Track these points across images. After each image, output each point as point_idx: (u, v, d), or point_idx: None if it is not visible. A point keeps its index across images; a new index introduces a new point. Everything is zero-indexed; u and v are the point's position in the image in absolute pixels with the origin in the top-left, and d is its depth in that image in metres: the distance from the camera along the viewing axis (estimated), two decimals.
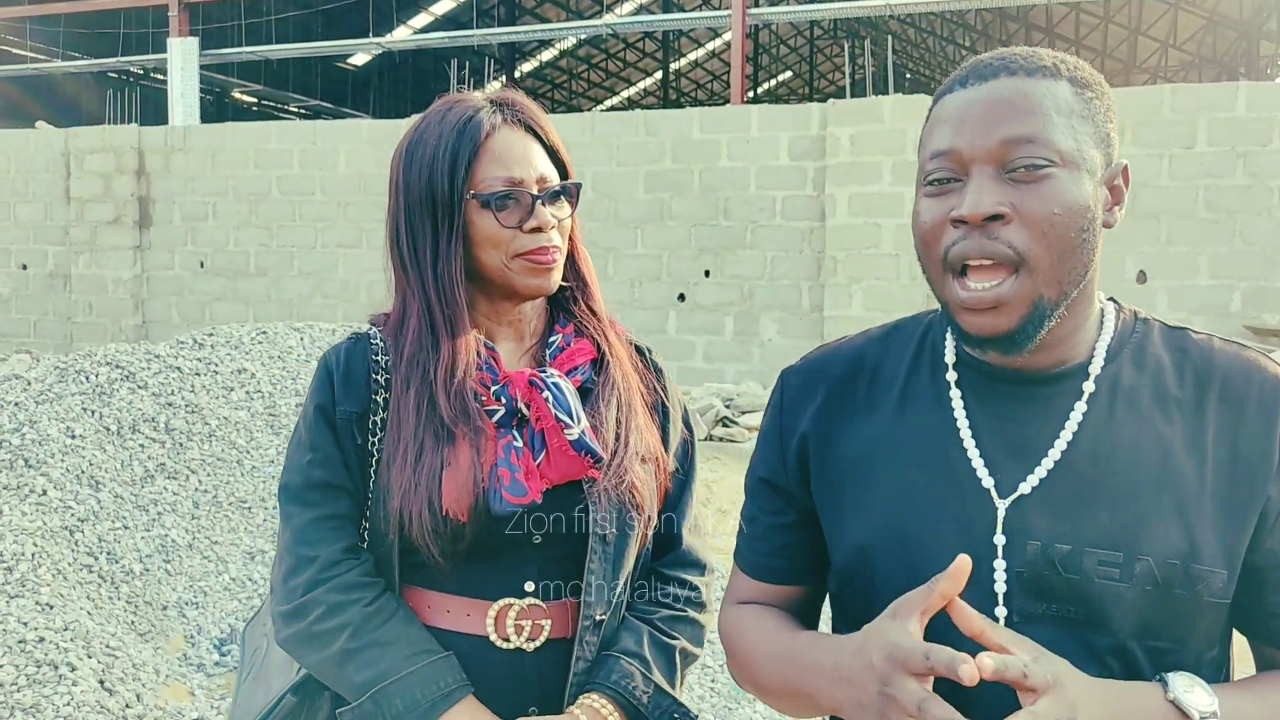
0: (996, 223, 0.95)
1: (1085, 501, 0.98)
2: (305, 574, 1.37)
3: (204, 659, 4.02)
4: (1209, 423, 1.00)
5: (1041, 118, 0.96)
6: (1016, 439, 1.02)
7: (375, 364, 1.42)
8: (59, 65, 19.38)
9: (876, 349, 1.14)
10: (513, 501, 1.32)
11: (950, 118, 1.00)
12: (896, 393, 1.09)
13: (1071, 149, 0.96)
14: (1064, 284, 0.97)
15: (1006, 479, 1.00)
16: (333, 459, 1.39)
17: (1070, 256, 0.97)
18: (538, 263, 1.39)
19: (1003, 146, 0.96)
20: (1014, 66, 0.99)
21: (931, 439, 1.05)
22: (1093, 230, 0.98)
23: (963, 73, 1.03)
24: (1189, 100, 8.65)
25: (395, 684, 1.31)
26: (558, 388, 1.38)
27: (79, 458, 4.46)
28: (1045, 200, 0.95)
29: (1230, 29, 26.20)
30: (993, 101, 0.97)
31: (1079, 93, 0.99)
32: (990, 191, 0.95)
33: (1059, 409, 1.02)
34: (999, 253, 0.95)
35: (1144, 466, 0.98)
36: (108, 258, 12.12)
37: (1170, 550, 0.96)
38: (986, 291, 0.96)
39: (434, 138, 1.41)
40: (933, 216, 1.00)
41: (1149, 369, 1.03)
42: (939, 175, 0.99)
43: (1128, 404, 1.01)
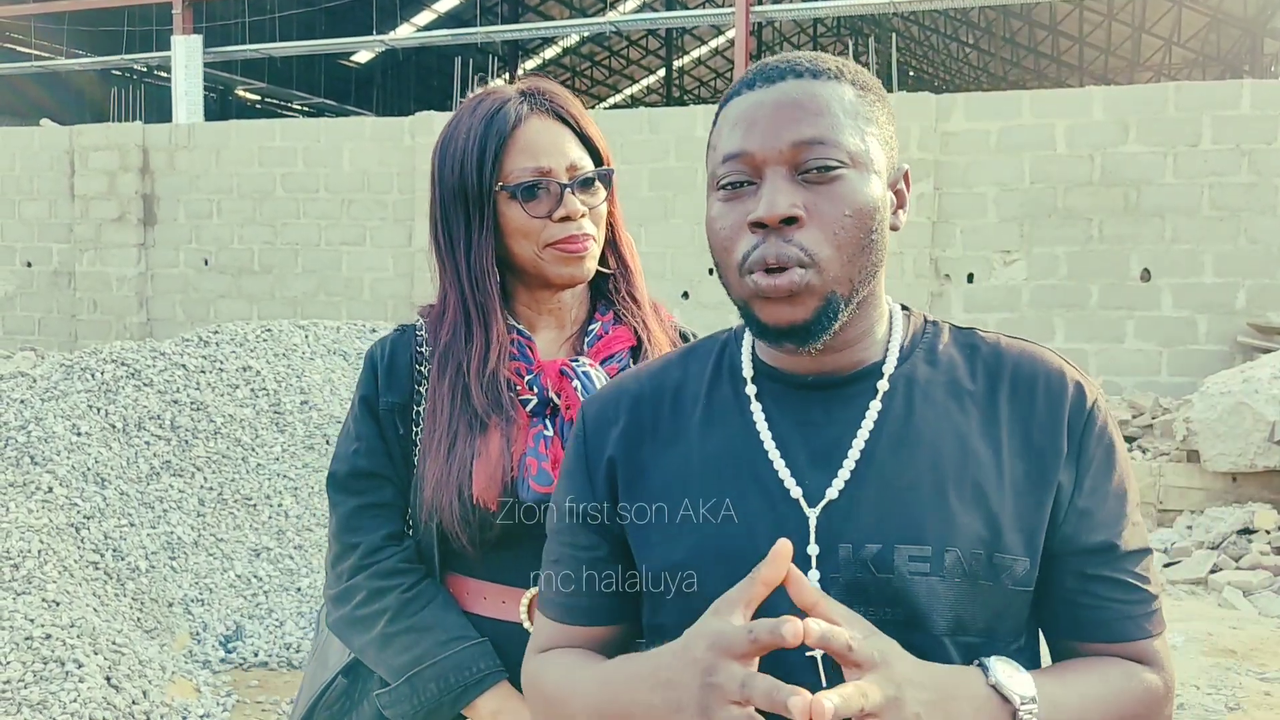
0: (791, 226, 0.96)
1: (891, 498, 0.98)
2: (349, 560, 1.41)
3: (209, 655, 4.03)
4: (1002, 414, 1.02)
5: (830, 119, 0.97)
6: (819, 444, 1.02)
7: (419, 355, 1.45)
8: (63, 63, 19.40)
9: (675, 371, 1.14)
10: (539, 490, 1.34)
11: (740, 120, 1.00)
12: (699, 411, 1.09)
13: (860, 150, 0.98)
14: (855, 282, 0.99)
15: (814, 486, 1.00)
16: (376, 449, 1.43)
17: (860, 256, 0.98)
18: (569, 252, 1.40)
19: (794, 149, 0.96)
20: (799, 69, 1.00)
21: (738, 454, 1.04)
22: (881, 231, 1.00)
23: (748, 76, 1.03)
24: (1193, 98, 8.64)
25: (430, 668, 1.34)
26: (587, 376, 1.40)
27: (84, 455, 4.47)
28: (837, 202, 0.96)
29: (1234, 26, 26.14)
30: (782, 103, 0.98)
31: (861, 95, 1.01)
32: (785, 193, 0.96)
33: (856, 409, 1.03)
34: (793, 256, 0.96)
35: (944, 458, 1.00)
36: (112, 255, 12.14)
37: (974, 539, 0.97)
38: (782, 279, 0.96)
39: (464, 131, 1.42)
40: (730, 221, 1.00)
41: (941, 366, 1.06)
42: (732, 179, 1.00)
43: (923, 399, 1.03)
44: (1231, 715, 3.71)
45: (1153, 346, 8.75)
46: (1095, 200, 8.83)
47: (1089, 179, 8.84)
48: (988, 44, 31.72)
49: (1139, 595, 1.02)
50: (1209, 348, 8.61)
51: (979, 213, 9.16)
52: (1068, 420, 1.02)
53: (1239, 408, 6.00)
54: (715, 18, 15.39)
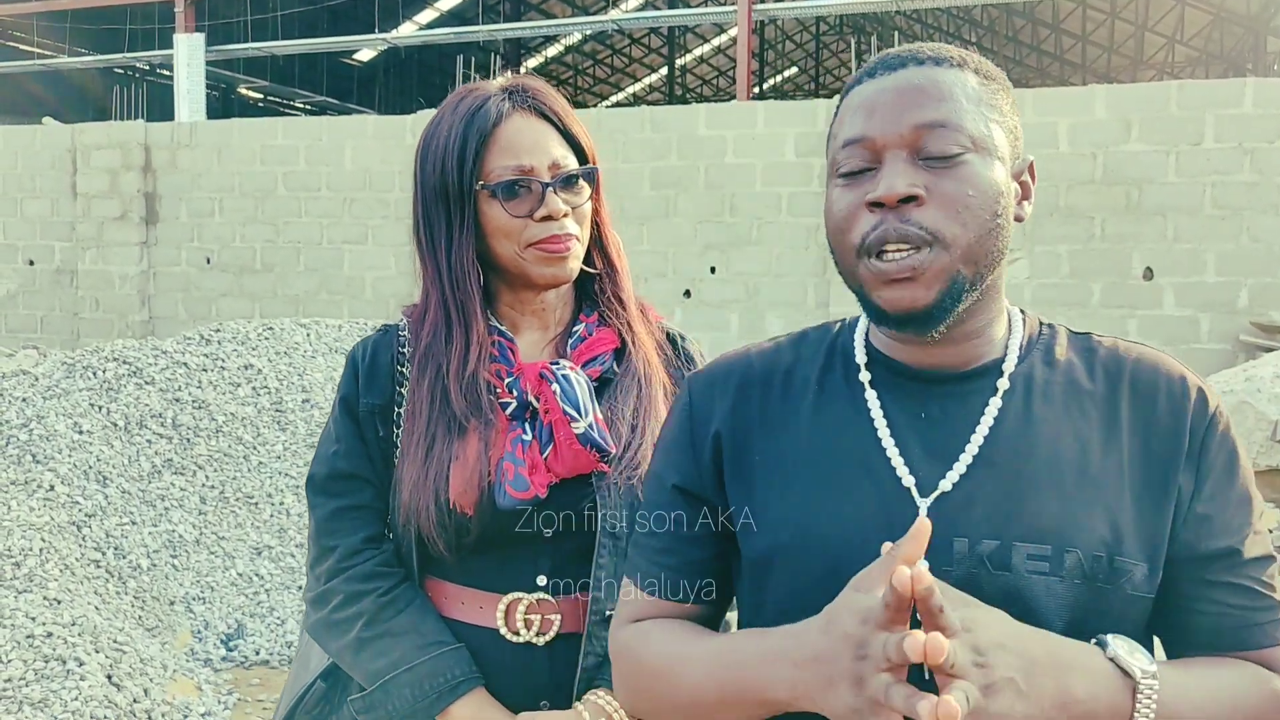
0: (910, 205, 0.94)
1: (1009, 496, 0.97)
2: (326, 563, 1.40)
3: (211, 654, 4.03)
4: (1122, 417, 1.00)
5: (952, 103, 0.96)
6: (934, 437, 1.01)
7: (400, 355, 1.43)
8: (65, 61, 19.42)
9: (788, 353, 1.12)
10: (515, 495, 1.32)
11: (861, 107, 0.99)
12: (810, 395, 1.07)
13: (983, 134, 0.97)
14: (979, 264, 0.97)
15: (927, 478, 0.99)
16: (356, 451, 1.41)
17: (985, 238, 0.97)
18: (551, 252, 1.37)
19: (915, 132, 0.95)
20: (922, 57, 0.99)
21: (849, 440, 1.03)
22: (1005, 217, 0.99)
23: (871, 65, 1.02)
24: (1196, 96, 8.62)
25: (405, 673, 1.32)
26: (567, 380, 1.37)
27: (86, 453, 4.47)
28: (959, 182, 0.95)
29: (1237, 25, 26.10)
30: (903, 89, 0.97)
31: (985, 83, 1.00)
32: (904, 174, 0.94)
33: (975, 405, 1.01)
34: (914, 235, 0.94)
35: (1064, 459, 0.98)
36: (114, 254, 12.14)
37: (1096, 541, 0.95)
38: (905, 259, 0.94)
39: (446, 128, 1.40)
40: (847, 204, 0.98)
41: (1060, 367, 1.04)
42: (851, 166, 0.98)
43: (1042, 399, 1.01)
44: None
45: (1155, 345, 8.74)
46: (1097, 199, 8.82)
47: (1091, 177, 8.83)
48: (990, 42, 31.68)
49: (1264, 602, 0.99)
50: (1211, 347, 8.60)
51: None
52: (1190, 426, 1.00)
53: (1241, 407, 6.00)
54: (717, 16, 15.38)
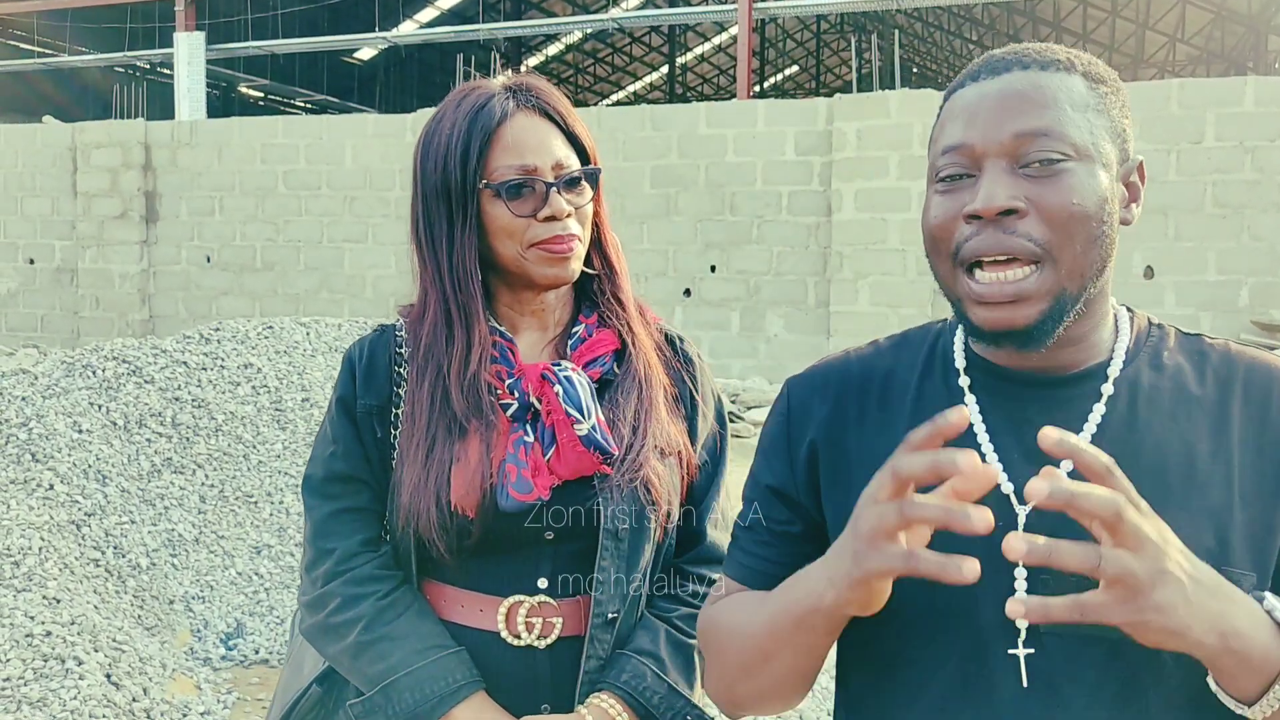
0: (1011, 217, 0.92)
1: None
2: (323, 566, 1.38)
3: (210, 653, 4.03)
4: (1234, 423, 0.98)
5: (1056, 111, 0.94)
6: (1034, 443, 0.95)
7: (397, 356, 1.42)
8: (66, 60, 19.43)
9: (887, 358, 1.11)
10: (518, 498, 1.30)
11: (962, 112, 0.97)
12: (909, 400, 1.06)
13: (1086, 142, 0.94)
14: (1085, 277, 0.95)
15: (1026, 484, 0.94)
16: (353, 452, 1.40)
17: (1091, 249, 0.94)
18: (554, 252, 1.36)
19: (1016, 140, 0.93)
20: (1027, 61, 0.97)
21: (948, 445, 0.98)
22: (1111, 224, 0.96)
23: (974, 68, 1.00)
24: (1197, 95, 8.61)
25: (405, 678, 1.30)
26: (569, 381, 1.36)
27: (86, 452, 4.47)
28: (1062, 193, 0.92)
29: (1238, 23, 26.09)
30: (1005, 95, 0.95)
31: (1093, 87, 0.97)
32: (1004, 185, 0.92)
33: (1077, 411, 0.98)
34: (1017, 247, 0.92)
35: (1170, 467, 0.95)
36: (114, 252, 12.14)
37: (1201, 552, 0.90)
38: (1006, 285, 0.93)
39: (448, 126, 1.38)
40: (944, 212, 0.97)
41: (1168, 371, 1.01)
42: (951, 172, 0.97)
43: (1149, 405, 0.98)
44: None
45: None
46: None
47: None
48: (991, 40, 31.66)
49: None
50: None
51: None
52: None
53: None
54: (718, 14, 15.38)
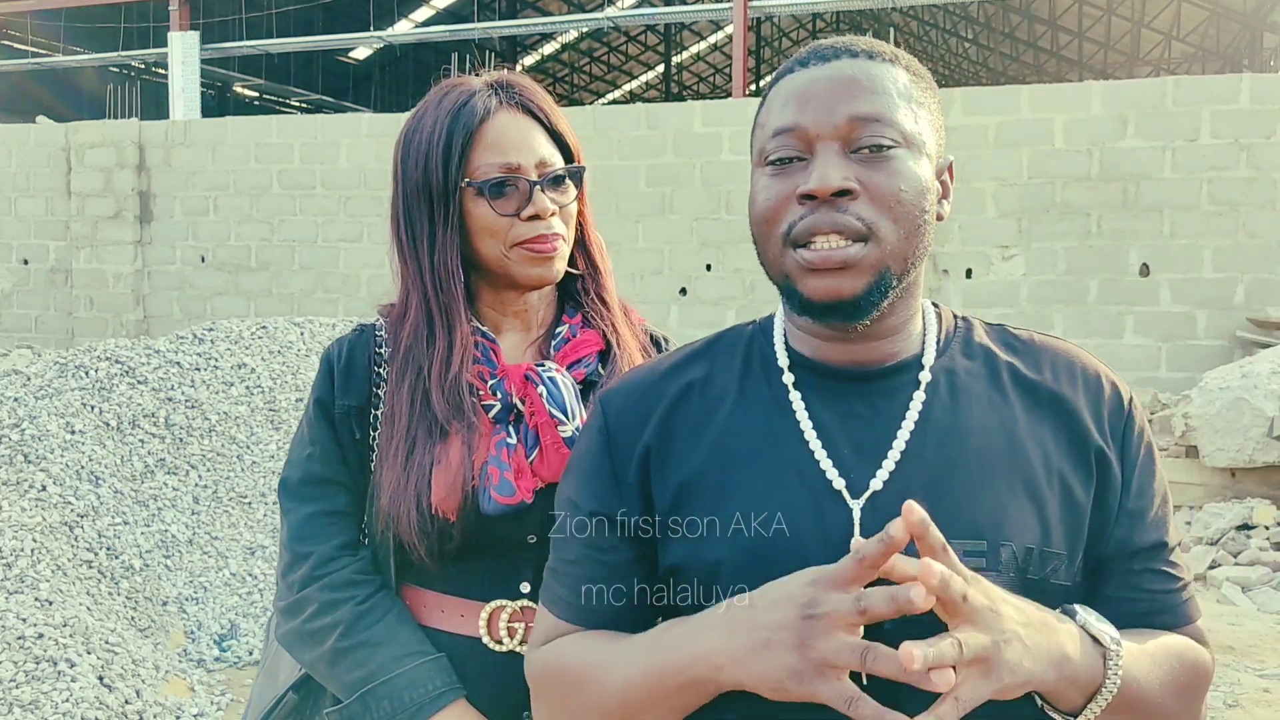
0: (845, 198, 0.94)
1: (942, 492, 0.96)
2: (300, 570, 1.35)
3: (204, 654, 4.01)
4: (1044, 407, 1.02)
5: (886, 98, 0.96)
6: (861, 435, 1.00)
7: (377, 356, 1.39)
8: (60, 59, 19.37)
9: (702, 361, 1.09)
10: (501, 501, 1.28)
11: (793, 96, 0.98)
12: (731, 402, 1.05)
13: (913, 131, 0.97)
14: (907, 260, 0.97)
15: (857, 478, 0.98)
16: (331, 454, 1.37)
17: (915, 234, 0.96)
18: (537, 251, 1.34)
19: (849, 124, 0.95)
20: (855, 50, 0.99)
21: (777, 445, 1.01)
22: (930, 214, 0.98)
23: (802, 54, 1.01)
24: (1192, 92, 8.61)
25: (384, 685, 1.28)
26: (554, 382, 1.34)
27: (79, 453, 4.45)
28: (892, 177, 0.94)
29: (1234, 21, 26.09)
30: (837, 80, 0.96)
31: (915, 81, 1.00)
32: (838, 166, 0.94)
33: (899, 401, 1.00)
34: (849, 225, 0.94)
35: (993, 450, 0.98)
36: (109, 252, 12.11)
37: (1028, 534, 0.96)
38: (834, 251, 0.94)
39: (430, 124, 1.36)
40: (776, 194, 0.97)
41: (979, 360, 1.04)
42: (782, 154, 0.97)
43: (966, 392, 1.02)
44: (1230, 712, 3.69)
45: (1151, 342, 8.74)
46: (1094, 195, 8.81)
47: (1087, 174, 8.82)
48: (986, 39, 31.67)
49: (1180, 583, 1.03)
50: (1208, 343, 8.59)
51: (977, 208, 9.14)
52: (1109, 420, 1.02)
53: (1238, 403, 5.98)
54: (714, 13, 15.35)
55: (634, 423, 1.06)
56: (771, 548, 0.96)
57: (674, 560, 1.02)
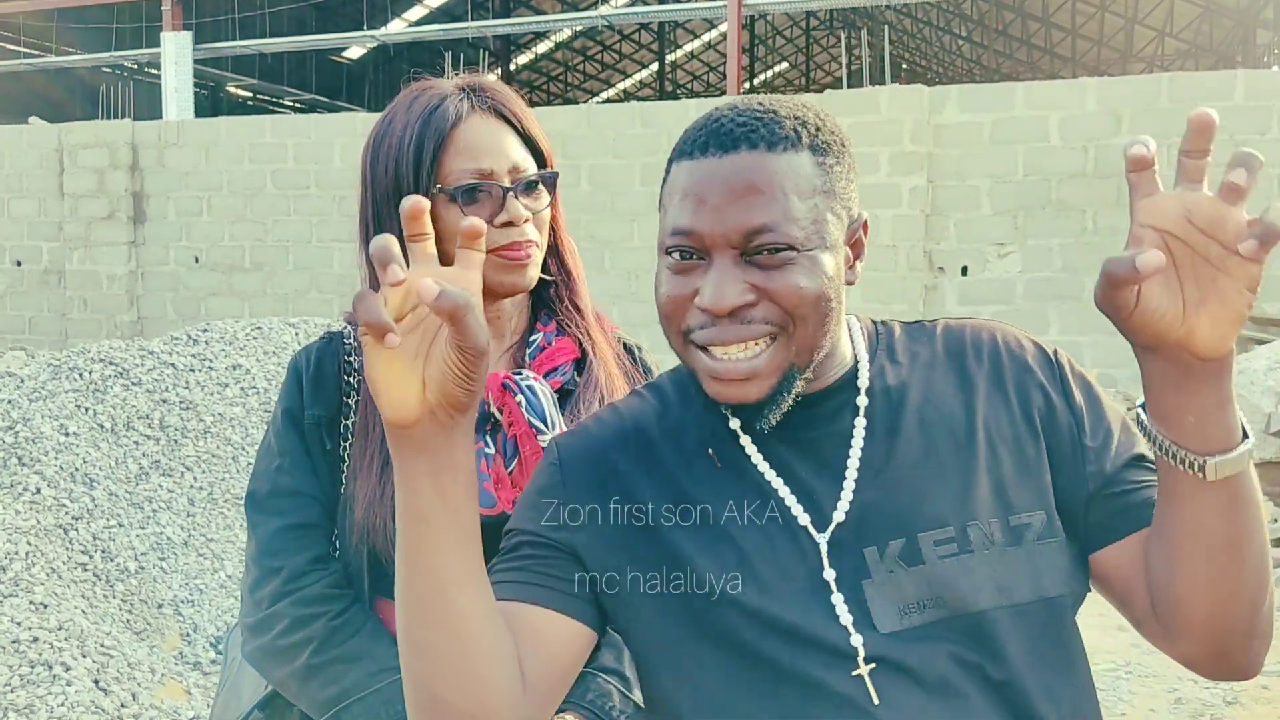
0: (745, 308, 0.96)
1: (901, 493, 0.99)
2: (269, 586, 1.30)
3: (200, 657, 3.99)
4: (976, 383, 1.05)
5: (782, 202, 0.95)
6: (816, 462, 1.02)
7: (347, 364, 1.36)
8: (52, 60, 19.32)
9: (652, 406, 1.11)
10: (480, 513, 1.26)
11: (690, 193, 0.97)
12: (689, 449, 1.05)
13: (810, 232, 0.96)
14: (814, 350, 0.99)
15: (822, 507, 1.00)
16: (301, 465, 1.33)
17: (821, 325, 0.98)
18: (510, 259, 1.31)
19: (744, 236, 0.95)
20: (755, 138, 0.96)
21: (738, 483, 1.02)
22: (838, 295, 1.00)
23: (701, 136, 0.99)
24: (1186, 89, 8.62)
25: (359, 702, 1.25)
26: (532, 391, 1.32)
27: (73, 455, 4.43)
28: (789, 282, 0.95)
29: (1227, 17, 26.14)
30: (733, 184, 0.95)
31: (820, 163, 0.98)
32: (732, 282, 0.95)
33: (844, 421, 1.03)
34: (753, 333, 0.96)
35: (938, 440, 1.02)
36: (102, 253, 12.07)
37: (988, 510, 0.98)
38: (739, 364, 0.96)
39: (400, 128, 1.33)
40: (677, 291, 0.98)
41: (906, 359, 1.08)
42: (681, 249, 0.98)
43: (902, 391, 1.05)
44: (1230, 709, 3.69)
45: None
46: (1089, 192, 8.81)
47: (1083, 171, 8.82)
48: (980, 36, 31.70)
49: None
50: None
51: (972, 205, 9.14)
52: (1041, 374, 1.05)
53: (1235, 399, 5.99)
54: (708, 11, 15.34)
55: (588, 477, 1.06)
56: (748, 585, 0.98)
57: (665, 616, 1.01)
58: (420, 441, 0.83)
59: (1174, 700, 3.73)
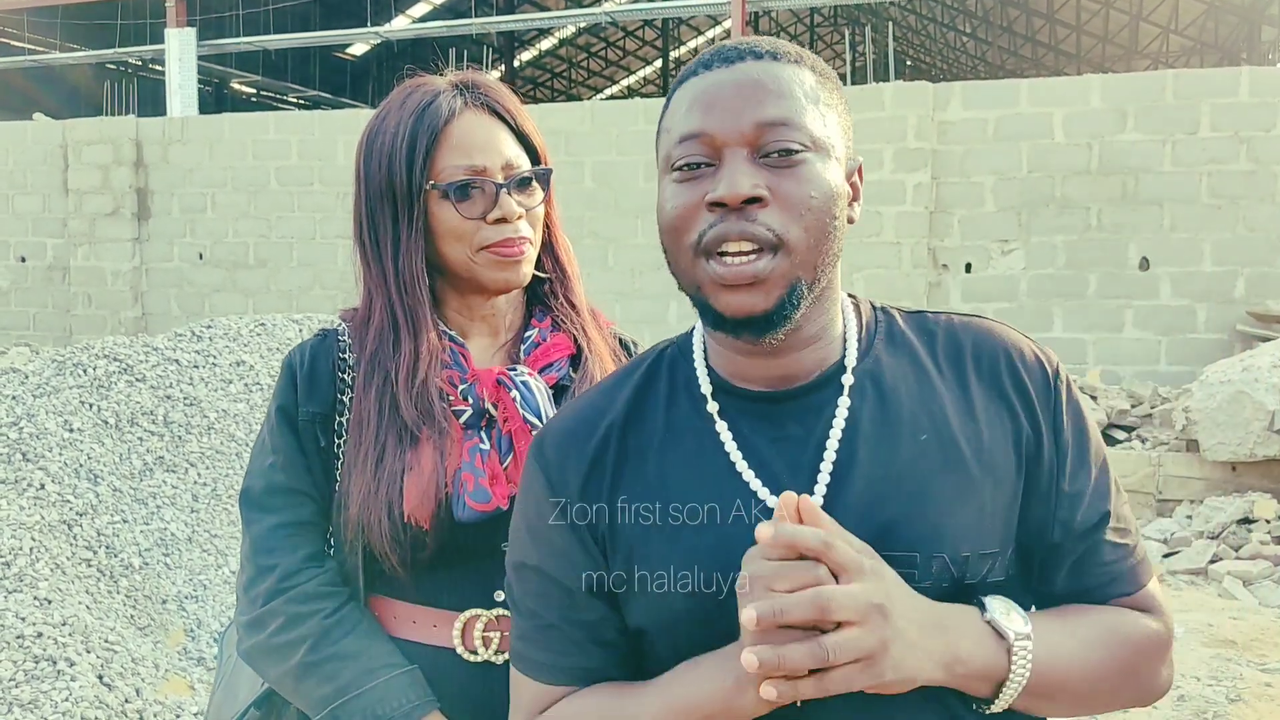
0: (754, 205, 0.92)
1: (875, 504, 0.95)
2: (264, 584, 1.31)
3: (204, 653, 4.00)
4: (973, 397, 1.01)
5: (793, 102, 0.94)
6: (793, 456, 0.98)
7: (341, 362, 1.36)
8: (57, 57, 19.34)
9: (625, 393, 1.07)
10: (475, 508, 1.26)
11: (698, 100, 0.96)
12: (660, 431, 1.03)
13: (822, 135, 0.95)
14: (818, 268, 0.96)
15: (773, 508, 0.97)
16: (295, 463, 1.33)
17: (825, 241, 0.95)
18: (504, 255, 1.32)
19: (757, 129, 0.93)
20: (759, 51, 0.96)
21: (708, 477, 0.99)
22: (841, 219, 0.97)
23: (705, 56, 0.99)
24: (1191, 86, 8.60)
25: (355, 699, 1.24)
26: (526, 387, 1.32)
27: (77, 451, 4.44)
28: (801, 183, 0.93)
29: (1232, 14, 26.07)
30: (743, 83, 0.94)
31: (822, 82, 0.98)
32: (747, 174, 0.92)
33: (826, 413, 0.99)
34: (758, 235, 0.92)
35: (926, 451, 0.97)
36: (106, 250, 12.09)
37: (965, 541, 0.95)
38: (745, 265, 0.92)
39: (393, 125, 1.33)
40: (684, 201, 0.95)
41: (904, 353, 1.03)
42: (689, 160, 0.95)
43: (894, 390, 1.00)
44: (1232, 707, 3.69)
45: (1151, 335, 8.73)
46: (1093, 189, 8.79)
47: (1087, 168, 8.81)
48: (985, 33, 31.63)
49: (1128, 548, 1.02)
50: (1208, 336, 8.58)
51: (976, 202, 9.12)
52: (1036, 398, 1.01)
53: (1238, 397, 5.98)
54: (711, 8, 15.32)
55: (570, 471, 1.03)
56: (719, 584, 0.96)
57: (632, 607, 1.01)
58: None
59: (1177, 697, 3.73)
